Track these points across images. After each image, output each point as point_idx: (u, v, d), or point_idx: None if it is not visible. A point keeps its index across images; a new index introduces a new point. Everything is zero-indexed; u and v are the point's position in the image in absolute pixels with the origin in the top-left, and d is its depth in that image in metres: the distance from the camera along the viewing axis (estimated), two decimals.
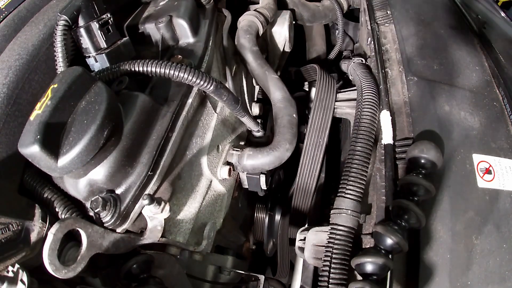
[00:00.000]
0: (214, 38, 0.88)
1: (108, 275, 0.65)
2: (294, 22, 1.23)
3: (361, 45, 1.21)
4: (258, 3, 1.14)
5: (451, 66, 0.88)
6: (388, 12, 1.05)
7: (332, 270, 0.65)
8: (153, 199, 0.58)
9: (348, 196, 0.71)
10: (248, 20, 1.03)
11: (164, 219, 0.64)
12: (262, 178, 0.92)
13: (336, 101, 0.98)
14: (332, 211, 0.72)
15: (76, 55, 0.69)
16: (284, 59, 1.27)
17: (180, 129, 0.68)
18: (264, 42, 1.17)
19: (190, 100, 0.71)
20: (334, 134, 1.18)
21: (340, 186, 0.74)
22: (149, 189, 0.61)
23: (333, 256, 0.66)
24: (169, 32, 0.80)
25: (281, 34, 1.16)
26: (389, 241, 0.61)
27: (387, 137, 0.78)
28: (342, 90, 1.01)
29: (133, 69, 0.62)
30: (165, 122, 0.65)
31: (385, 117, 0.79)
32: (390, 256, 0.62)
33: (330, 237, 0.69)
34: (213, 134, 0.82)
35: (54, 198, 0.57)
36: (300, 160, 0.94)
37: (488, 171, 0.71)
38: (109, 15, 0.70)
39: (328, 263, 0.66)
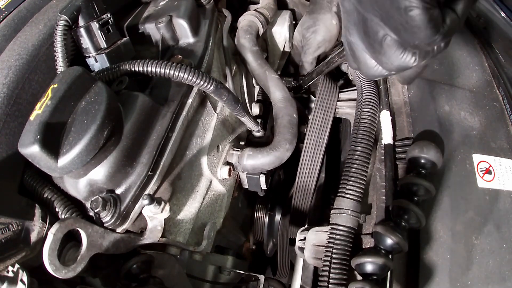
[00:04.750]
0: (214, 38, 0.88)
1: (108, 275, 0.65)
2: (294, 22, 1.23)
3: None
4: (258, 3, 1.14)
5: (451, 66, 0.88)
6: None
7: (332, 270, 0.65)
8: (153, 199, 0.58)
9: (348, 196, 0.71)
10: (248, 20, 1.03)
11: (164, 219, 0.64)
12: (262, 178, 0.92)
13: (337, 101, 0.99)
14: (332, 211, 0.72)
15: (76, 55, 0.69)
16: (284, 59, 1.27)
17: (180, 129, 0.68)
18: (264, 42, 1.17)
19: (190, 100, 0.71)
20: (334, 134, 1.18)
21: (340, 186, 0.74)
22: (149, 189, 0.61)
23: (333, 256, 0.66)
24: (169, 32, 0.80)
25: (281, 34, 1.16)
26: (389, 241, 0.61)
27: (387, 137, 0.78)
28: (342, 90, 1.01)
29: (133, 69, 0.62)
30: (165, 122, 0.65)
31: (385, 117, 0.79)
32: (390, 256, 0.62)
33: (330, 237, 0.69)
34: (213, 134, 0.81)
35: (54, 198, 0.57)
36: (300, 159, 0.94)
37: (488, 171, 0.71)
38: (109, 15, 0.70)
39: (328, 263, 0.66)
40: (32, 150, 0.47)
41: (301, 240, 0.79)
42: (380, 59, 0.47)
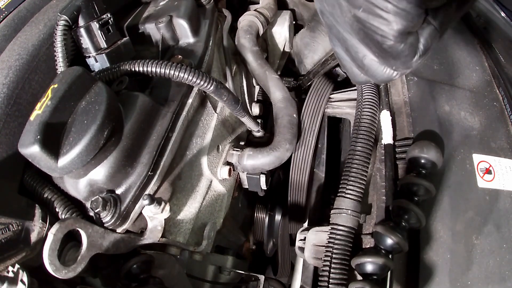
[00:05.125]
0: (214, 38, 0.88)
1: (108, 275, 0.65)
2: (294, 22, 1.23)
3: None
4: (258, 3, 1.14)
5: (451, 66, 0.88)
6: None
7: (332, 270, 0.65)
8: (153, 199, 0.58)
9: (348, 196, 0.71)
10: (248, 20, 1.03)
11: (164, 219, 0.64)
12: (262, 178, 0.92)
13: (332, 93, 0.99)
14: (332, 211, 0.72)
15: (76, 55, 0.69)
16: (284, 59, 1.27)
17: (180, 129, 0.68)
18: (264, 42, 1.17)
19: (190, 100, 0.71)
20: (334, 134, 1.19)
21: (340, 186, 0.74)
22: (149, 189, 0.61)
23: (333, 256, 0.66)
24: (169, 32, 0.80)
25: (281, 34, 1.16)
26: (389, 241, 0.61)
27: (387, 137, 0.78)
28: (342, 90, 1.01)
29: (133, 69, 0.62)
30: (165, 122, 0.65)
31: (385, 117, 0.79)
32: (390, 256, 0.62)
33: (330, 237, 0.69)
34: (213, 134, 0.81)
35: (54, 198, 0.57)
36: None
37: (488, 171, 0.71)
38: (109, 15, 0.70)
39: (328, 263, 0.66)
40: (32, 150, 0.47)
41: (301, 240, 0.79)
42: (364, 72, 0.48)
